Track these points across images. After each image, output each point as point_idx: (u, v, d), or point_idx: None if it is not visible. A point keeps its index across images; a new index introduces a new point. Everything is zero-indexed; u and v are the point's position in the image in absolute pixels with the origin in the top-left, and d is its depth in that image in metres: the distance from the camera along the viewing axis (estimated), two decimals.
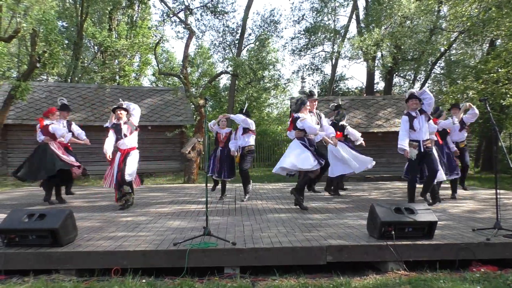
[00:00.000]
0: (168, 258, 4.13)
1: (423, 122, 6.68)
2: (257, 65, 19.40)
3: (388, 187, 10.54)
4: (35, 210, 4.57)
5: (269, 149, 21.83)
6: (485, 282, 3.74)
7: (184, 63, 16.73)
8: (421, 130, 6.65)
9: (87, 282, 3.86)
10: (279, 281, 3.87)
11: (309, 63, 27.90)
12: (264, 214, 6.45)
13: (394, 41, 17.40)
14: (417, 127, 6.64)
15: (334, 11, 24.77)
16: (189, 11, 18.13)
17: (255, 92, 26.00)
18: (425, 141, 6.69)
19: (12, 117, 14.55)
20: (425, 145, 6.68)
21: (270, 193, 9.63)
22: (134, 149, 7.03)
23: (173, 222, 5.77)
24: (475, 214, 6.24)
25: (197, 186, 11.78)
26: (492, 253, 4.30)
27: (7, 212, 4.63)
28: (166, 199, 8.62)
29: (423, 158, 6.73)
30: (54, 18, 12.60)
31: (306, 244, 4.29)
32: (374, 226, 4.48)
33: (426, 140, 6.70)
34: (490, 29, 13.46)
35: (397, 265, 4.19)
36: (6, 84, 15.24)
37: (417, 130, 6.65)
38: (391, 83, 23.59)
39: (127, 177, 6.84)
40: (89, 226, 5.49)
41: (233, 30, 24.72)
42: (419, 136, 6.67)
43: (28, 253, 4.11)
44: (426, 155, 6.71)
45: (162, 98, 17.69)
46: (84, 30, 20.62)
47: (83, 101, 16.40)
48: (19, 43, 20.74)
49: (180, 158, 15.85)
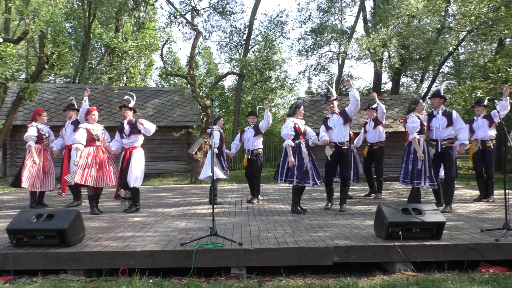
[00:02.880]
0: (175, 258, 4.14)
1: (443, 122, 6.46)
2: (264, 66, 19.41)
3: (395, 188, 10.48)
4: (43, 210, 4.60)
5: (276, 149, 21.82)
6: (494, 283, 3.71)
7: (190, 63, 16.77)
8: (439, 129, 6.48)
9: (95, 282, 3.88)
10: (286, 282, 3.87)
11: (316, 63, 27.87)
12: (271, 215, 6.45)
13: (401, 40, 17.31)
14: (433, 126, 6.52)
15: (341, 11, 24.71)
16: (196, 12, 18.18)
17: (261, 93, 26.01)
18: (444, 141, 6.48)
19: (21, 118, 14.67)
20: (443, 145, 6.47)
21: (277, 194, 9.62)
22: (136, 148, 6.80)
23: (180, 223, 5.78)
24: (484, 215, 6.18)
25: (204, 187, 11.79)
26: (501, 254, 4.25)
27: (16, 213, 4.67)
28: (173, 200, 8.64)
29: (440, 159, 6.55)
30: (62, 20, 12.70)
31: (312, 245, 4.28)
32: (381, 227, 4.46)
33: (444, 140, 6.48)
34: (499, 28, 13.34)
35: (405, 266, 4.17)
36: (15, 86, 15.38)
37: (433, 130, 6.54)
38: (399, 83, 23.49)
39: (132, 182, 6.68)
40: (97, 227, 5.52)
41: (240, 30, 24.77)
42: (435, 135, 6.52)
43: (37, 253, 4.14)
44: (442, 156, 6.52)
45: (169, 98, 17.75)
46: (92, 31, 20.76)
47: (90, 102, 16.29)
48: (27, 44, 20.96)
49: (186, 159, 15.90)
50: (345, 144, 6.64)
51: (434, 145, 6.56)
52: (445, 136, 6.51)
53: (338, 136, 6.63)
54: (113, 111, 16.01)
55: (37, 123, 7.66)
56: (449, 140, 6.52)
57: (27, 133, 7.48)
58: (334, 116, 6.72)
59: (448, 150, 6.50)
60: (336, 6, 24.40)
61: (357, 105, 6.50)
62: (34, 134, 7.48)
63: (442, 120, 6.51)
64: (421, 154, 6.41)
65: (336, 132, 6.65)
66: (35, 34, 12.38)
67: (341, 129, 6.63)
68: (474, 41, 20.44)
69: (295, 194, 6.65)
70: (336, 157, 6.70)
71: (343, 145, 6.62)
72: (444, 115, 6.52)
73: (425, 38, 18.25)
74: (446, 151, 6.50)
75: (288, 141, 6.49)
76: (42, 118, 7.74)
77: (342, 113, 6.66)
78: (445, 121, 6.49)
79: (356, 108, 6.55)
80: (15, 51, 13.83)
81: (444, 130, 6.50)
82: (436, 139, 6.56)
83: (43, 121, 7.75)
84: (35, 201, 7.57)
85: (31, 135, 7.46)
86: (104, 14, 23.10)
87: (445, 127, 6.49)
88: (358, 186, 10.80)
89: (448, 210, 6.46)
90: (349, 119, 6.67)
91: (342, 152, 6.64)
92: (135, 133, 6.77)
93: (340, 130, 6.64)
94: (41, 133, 7.56)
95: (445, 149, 6.50)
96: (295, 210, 6.60)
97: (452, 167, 6.55)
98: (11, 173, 14.72)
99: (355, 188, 10.14)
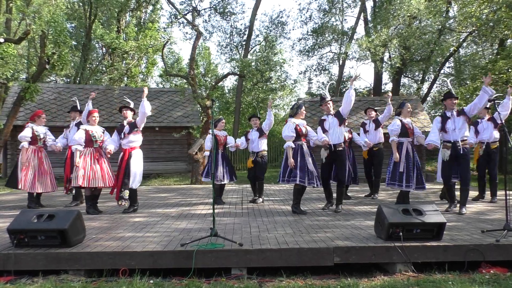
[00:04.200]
0: (176, 258, 4.14)
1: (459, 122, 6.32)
2: (264, 66, 19.41)
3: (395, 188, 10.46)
4: (44, 210, 4.60)
5: (276, 150, 21.84)
6: (495, 283, 3.71)
7: (191, 64, 16.78)
8: (455, 131, 6.32)
9: (96, 282, 3.89)
10: (286, 282, 3.87)
11: (316, 63, 27.87)
12: (271, 215, 6.45)
13: (402, 41, 17.31)
14: (449, 128, 6.35)
15: (341, 11, 24.73)
16: (197, 13, 18.19)
17: (262, 93, 26.01)
18: (462, 142, 6.32)
19: (22, 119, 14.69)
20: (463, 145, 6.30)
21: (277, 194, 9.62)
22: (134, 149, 6.80)
23: (180, 223, 5.79)
24: (484, 216, 6.18)
25: (204, 187, 11.80)
26: (501, 255, 4.25)
27: (17, 213, 4.68)
28: (173, 200, 8.64)
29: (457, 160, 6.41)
30: (63, 20, 12.71)
31: (313, 245, 4.27)
32: (382, 227, 4.45)
33: (462, 141, 6.32)
34: (500, 29, 13.33)
35: (405, 267, 4.16)
36: (16, 86, 15.40)
37: (449, 131, 6.36)
38: (399, 83, 23.48)
39: (130, 182, 6.69)
40: (97, 227, 5.53)
41: (240, 31, 24.78)
42: (452, 137, 6.35)
43: (38, 253, 4.14)
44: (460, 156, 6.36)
45: (170, 99, 17.77)
46: (93, 31, 20.77)
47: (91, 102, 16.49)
48: (28, 44, 20.97)
49: (187, 159, 15.90)
50: (340, 145, 6.63)
51: (450, 147, 6.38)
52: (462, 136, 6.33)
53: (333, 137, 6.62)
54: (113, 111, 16.02)
55: (33, 124, 7.70)
56: (464, 141, 6.37)
57: (22, 133, 7.56)
58: (330, 117, 6.73)
59: (467, 151, 6.38)
60: (337, 6, 24.42)
61: (349, 104, 6.48)
62: (28, 135, 7.53)
63: (458, 121, 6.34)
64: (396, 156, 6.50)
65: (331, 133, 6.64)
66: (36, 34, 12.37)
67: (336, 130, 6.63)
68: (475, 42, 20.43)
69: (297, 194, 6.65)
70: (331, 158, 6.70)
71: (338, 146, 6.62)
72: (459, 115, 6.36)
73: (426, 39, 18.24)
74: (466, 152, 6.35)
75: (289, 143, 6.49)
76: (41, 120, 7.79)
77: (337, 114, 6.66)
78: (462, 120, 6.33)
79: (348, 108, 6.51)
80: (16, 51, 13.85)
81: (460, 131, 6.33)
82: (454, 140, 6.34)
83: (41, 123, 7.79)
84: (32, 201, 7.61)
85: (24, 135, 7.53)
86: (105, 14, 23.11)
87: (461, 127, 6.33)
88: (358, 187, 10.79)
89: (464, 212, 6.33)
90: (343, 120, 6.65)
91: (337, 154, 6.63)
92: (134, 132, 6.79)
93: (335, 131, 6.63)
94: (35, 135, 7.58)
95: (465, 150, 6.34)
96: (296, 210, 6.60)
97: (469, 168, 6.48)
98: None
99: (355, 189, 10.13)
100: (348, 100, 6.44)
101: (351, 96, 6.42)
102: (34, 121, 7.75)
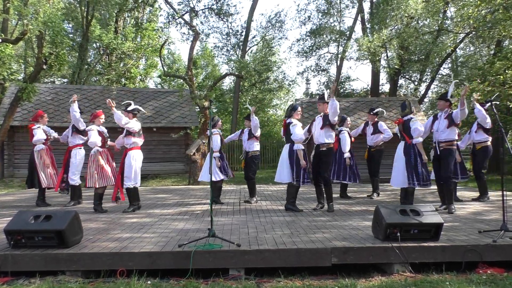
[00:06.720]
0: (174, 259, 4.14)
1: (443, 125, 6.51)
2: (262, 67, 19.42)
3: (393, 189, 10.48)
4: (41, 211, 4.60)
5: (274, 150, 21.80)
6: (492, 284, 3.72)
7: (189, 65, 16.77)
8: (437, 132, 6.57)
9: (93, 283, 3.88)
10: (284, 283, 3.87)
11: (314, 64, 27.90)
12: (269, 216, 6.45)
13: (400, 42, 17.34)
14: (434, 129, 6.67)
15: (339, 12, 24.75)
16: (195, 13, 18.18)
17: (259, 94, 26.00)
18: (442, 143, 6.54)
19: (19, 119, 14.63)
20: (441, 147, 6.54)
21: (275, 195, 9.62)
22: (132, 149, 6.83)
23: (178, 224, 5.78)
24: (482, 216, 6.20)
25: (202, 188, 11.79)
26: (498, 255, 4.26)
27: (14, 214, 4.66)
28: (171, 201, 8.64)
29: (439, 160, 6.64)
30: (61, 20, 12.68)
31: (311, 246, 4.28)
32: (379, 228, 4.46)
33: (442, 142, 6.53)
34: (497, 31, 13.38)
35: (403, 267, 4.17)
36: (13, 86, 15.34)
37: (434, 132, 6.68)
38: (397, 84, 23.50)
39: (126, 181, 6.75)
40: (95, 228, 5.51)
41: (237, 32, 24.76)
42: (434, 137, 6.66)
43: (34, 254, 4.13)
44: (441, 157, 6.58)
45: (167, 100, 17.73)
46: (91, 32, 20.72)
47: (88, 103, 16.46)
48: (25, 45, 20.88)
49: (185, 160, 15.88)
50: (323, 146, 6.73)
51: (434, 147, 6.60)
52: (443, 138, 6.51)
53: (316, 137, 6.83)
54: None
55: (40, 124, 7.80)
56: (447, 143, 6.51)
57: (37, 136, 7.64)
58: (318, 118, 6.90)
59: (446, 152, 6.50)
60: (335, 7, 24.44)
61: (334, 114, 6.52)
62: (43, 137, 7.71)
63: (443, 122, 6.51)
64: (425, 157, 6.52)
65: (315, 133, 6.83)
66: (33, 34, 12.33)
67: (318, 130, 6.77)
68: (472, 43, 20.49)
69: (294, 193, 6.82)
70: (316, 157, 6.85)
71: (321, 147, 6.74)
72: (446, 118, 6.50)
73: (424, 40, 18.27)
74: (443, 153, 6.51)
75: (300, 145, 6.72)
76: (44, 120, 7.93)
77: (325, 117, 6.75)
78: (446, 123, 6.46)
79: (334, 116, 6.57)
80: (13, 52, 13.81)
81: (442, 132, 6.51)
82: (435, 141, 6.63)
83: (44, 123, 7.93)
84: (41, 199, 7.76)
85: (40, 138, 7.65)
86: (102, 14, 23.07)
87: (444, 129, 6.49)
88: (357, 187, 10.82)
89: (453, 211, 6.45)
90: (328, 124, 6.68)
91: (320, 154, 6.77)
92: (127, 135, 6.89)
93: (317, 131, 6.79)
94: (47, 134, 7.80)
95: (443, 151, 6.52)
96: (292, 208, 6.75)
97: (448, 167, 6.53)
98: (9, 174, 14.68)
99: (354, 189, 10.15)
100: (333, 110, 6.49)
101: (336, 107, 6.45)
102: (37, 122, 7.85)
